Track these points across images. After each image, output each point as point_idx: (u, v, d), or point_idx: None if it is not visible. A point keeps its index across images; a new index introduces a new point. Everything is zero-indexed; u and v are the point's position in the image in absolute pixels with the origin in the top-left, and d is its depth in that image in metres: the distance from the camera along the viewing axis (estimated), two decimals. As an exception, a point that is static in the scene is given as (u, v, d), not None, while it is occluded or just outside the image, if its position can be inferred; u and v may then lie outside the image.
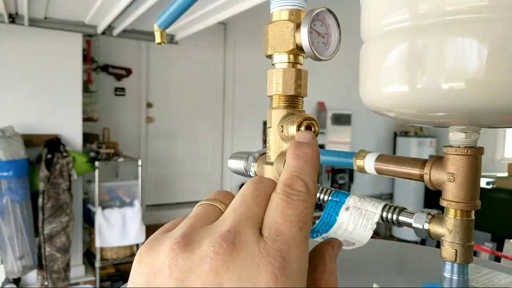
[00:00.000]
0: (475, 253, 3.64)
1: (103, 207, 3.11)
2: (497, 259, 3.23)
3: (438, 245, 0.43)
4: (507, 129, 4.07)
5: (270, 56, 0.30)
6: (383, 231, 4.64)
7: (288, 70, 0.29)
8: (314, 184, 0.21)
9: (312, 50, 0.27)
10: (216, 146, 4.58)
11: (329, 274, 0.22)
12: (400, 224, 0.44)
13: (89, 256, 3.39)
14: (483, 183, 3.76)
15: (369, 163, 0.47)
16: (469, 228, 0.38)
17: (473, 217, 0.39)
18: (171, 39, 3.26)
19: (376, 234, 4.69)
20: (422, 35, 0.34)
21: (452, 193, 0.38)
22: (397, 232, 4.42)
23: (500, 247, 3.34)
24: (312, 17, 0.27)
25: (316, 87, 4.63)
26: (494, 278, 0.47)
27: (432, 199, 4.18)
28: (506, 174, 3.62)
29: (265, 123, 4.96)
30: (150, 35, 3.25)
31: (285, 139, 0.28)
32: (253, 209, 0.20)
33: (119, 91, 4.02)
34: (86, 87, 3.57)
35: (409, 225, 0.43)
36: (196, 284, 0.18)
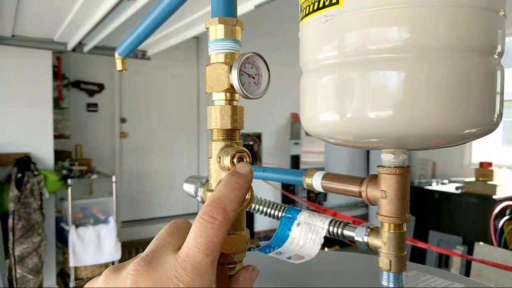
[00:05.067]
0: (446, 258, 3.74)
1: (77, 225, 3.06)
2: (468, 262, 3.34)
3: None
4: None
5: (210, 94, 0.34)
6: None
7: (225, 107, 0.33)
8: (232, 212, 0.25)
9: (242, 90, 0.31)
10: (192, 160, 4.58)
11: None
12: (344, 237, 0.48)
13: (63, 276, 3.31)
14: (452, 188, 3.89)
15: (316, 181, 0.51)
16: (402, 240, 0.42)
17: (404, 229, 0.43)
18: (143, 55, 3.27)
19: (353, 242, 4.75)
20: (349, 70, 0.38)
21: (385, 209, 0.42)
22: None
23: (470, 250, 3.45)
24: (242, 60, 0.31)
25: (290, 98, 4.71)
26: (433, 284, 0.51)
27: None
28: (473, 179, 3.76)
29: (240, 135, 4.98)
30: (122, 51, 3.25)
31: (223, 169, 0.32)
32: (167, 239, 0.26)
33: (92, 107, 3.98)
34: (57, 104, 3.53)
35: (352, 238, 0.47)
36: None
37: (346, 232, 0.47)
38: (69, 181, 3.03)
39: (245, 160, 0.31)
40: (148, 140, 4.32)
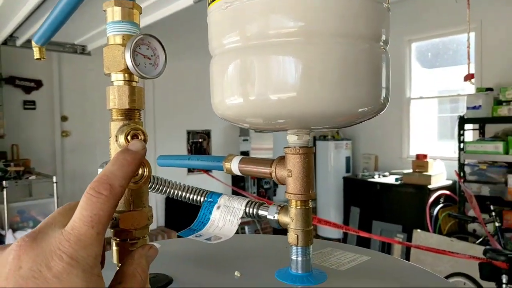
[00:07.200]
0: (389, 245, 3.91)
1: (14, 230, 2.90)
2: (408, 249, 3.54)
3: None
4: (411, 130, 4.49)
5: (109, 75, 0.35)
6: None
7: (123, 87, 0.33)
8: (119, 188, 0.26)
9: (136, 70, 0.32)
10: (139, 158, 4.47)
11: (135, 266, 0.27)
12: (259, 217, 0.51)
13: (-1, 284, 3.12)
14: (392, 179, 4.10)
15: (234, 165, 0.53)
16: (307, 216, 0.45)
17: (310, 206, 0.46)
18: (82, 50, 3.15)
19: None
20: (251, 54, 0.40)
21: (291, 187, 0.45)
22: (322, 231, 4.64)
23: (410, 237, 3.66)
24: (135, 41, 0.32)
25: (238, 95, 4.72)
26: (342, 257, 0.55)
27: (349, 195, 4.47)
28: (411, 171, 3.99)
29: (188, 132, 4.94)
30: (60, 46, 3.12)
31: (120, 147, 0.32)
32: (57, 218, 0.26)
33: (29, 105, 3.78)
34: (-11, 101, 3.31)
35: (265, 217, 0.49)
36: (3, 273, 0.23)
37: (260, 212, 0.50)
38: (4, 182, 2.86)
39: (139, 137, 0.32)
40: (92, 138, 4.17)
